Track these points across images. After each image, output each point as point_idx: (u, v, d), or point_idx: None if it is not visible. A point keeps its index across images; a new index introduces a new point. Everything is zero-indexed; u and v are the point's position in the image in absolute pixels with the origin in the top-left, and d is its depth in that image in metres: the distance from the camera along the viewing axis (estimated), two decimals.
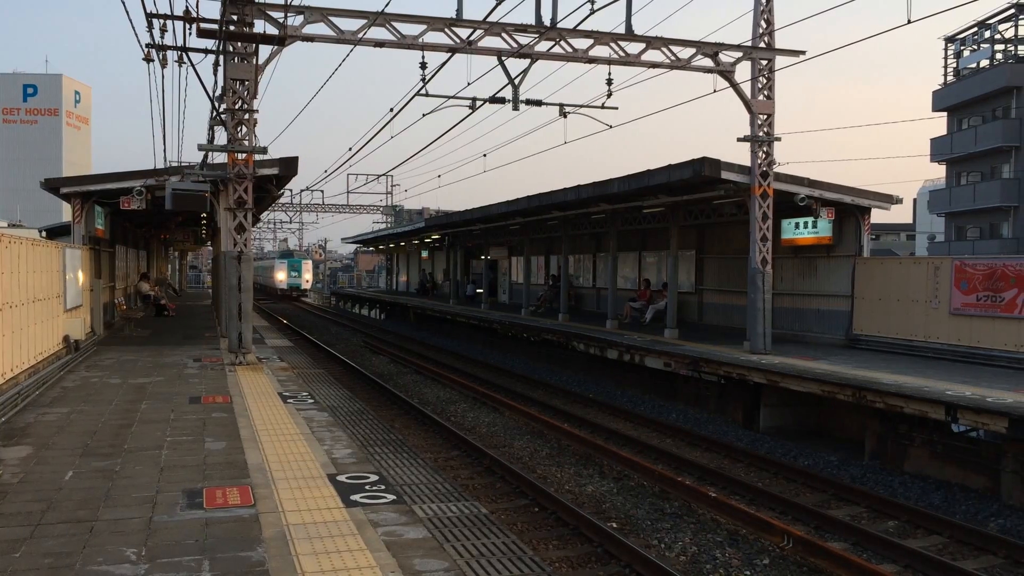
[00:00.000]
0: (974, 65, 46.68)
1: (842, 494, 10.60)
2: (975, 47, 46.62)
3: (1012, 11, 43.94)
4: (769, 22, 15.44)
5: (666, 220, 20.29)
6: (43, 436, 8.05)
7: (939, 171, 50.99)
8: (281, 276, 63.88)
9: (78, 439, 7.94)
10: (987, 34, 45.43)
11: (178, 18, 12.51)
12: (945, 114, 47.31)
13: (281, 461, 7.21)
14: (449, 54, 13.85)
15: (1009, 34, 45.06)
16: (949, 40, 48.13)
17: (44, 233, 24.92)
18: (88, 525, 5.43)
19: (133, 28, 12.21)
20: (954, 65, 48.03)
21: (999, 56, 45.34)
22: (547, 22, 14.01)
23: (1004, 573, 8.12)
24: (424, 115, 16.29)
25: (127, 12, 10.24)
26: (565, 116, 16.56)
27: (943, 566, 7.94)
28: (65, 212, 22.90)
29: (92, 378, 11.97)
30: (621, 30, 14.63)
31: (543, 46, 14.37)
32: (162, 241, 41.08)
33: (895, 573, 7.81)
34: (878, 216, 17.59)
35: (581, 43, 14.53)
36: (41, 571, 4.64)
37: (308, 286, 65.36)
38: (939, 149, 46.57)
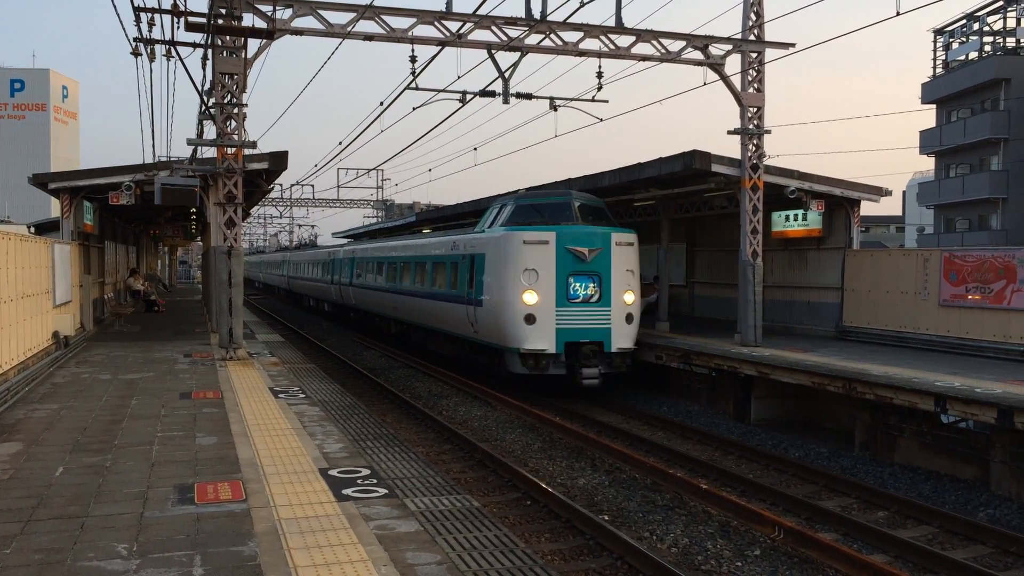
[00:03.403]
0: (963, 57, 46.81)
1: (833, 485, 10.65)
2: (964, 39, 46.72)
3: (1000, 3, 44.08)
4: (759, 14, 15.46)
5: (657, 213, 20.30)
6: (33, 432, 8.02)
7: (928, 163, 51.16)
8: (531, 300, 15.30)
9: (68, 435, 7.91)
10: (976, 26, 45.56)
11: (166, 12, 12.47)
12: (934, 106, 47.41)
13: (272, 456, 7.20)
14: (439, 47, 13.83)
15: (998, 26, 45.21)
16: (938, 32, 48.24)
17: (33, 229, 24.76)
18: (79, 521, 5.41)
19: (120, 22, 12.16)
20: (943, 57, 48.14)
21: (988, 48, 45.46)
22: (537, 15, 14.01)
23: (993, 562, 8.17)
24: (414, 108, 16.28)
25: (114, 5, 10.19)
26: (555, 109, 16.56)
27: (933, 556, 8.00)
28: (54, 208, 22.81)
29: (82, 374, 11.93)
30: (611, 23, 14.65)
31: (533, 39, 14.37)
32: (152, 237, 40.89)
33: (885, 563, 7.85)
34: (867, 208, 17.68)
35: (571, 36, 14.54)
36: (32, 567, 4.63)
37: (633, 337, 16.03)
38: (928, 141, 46.69)
